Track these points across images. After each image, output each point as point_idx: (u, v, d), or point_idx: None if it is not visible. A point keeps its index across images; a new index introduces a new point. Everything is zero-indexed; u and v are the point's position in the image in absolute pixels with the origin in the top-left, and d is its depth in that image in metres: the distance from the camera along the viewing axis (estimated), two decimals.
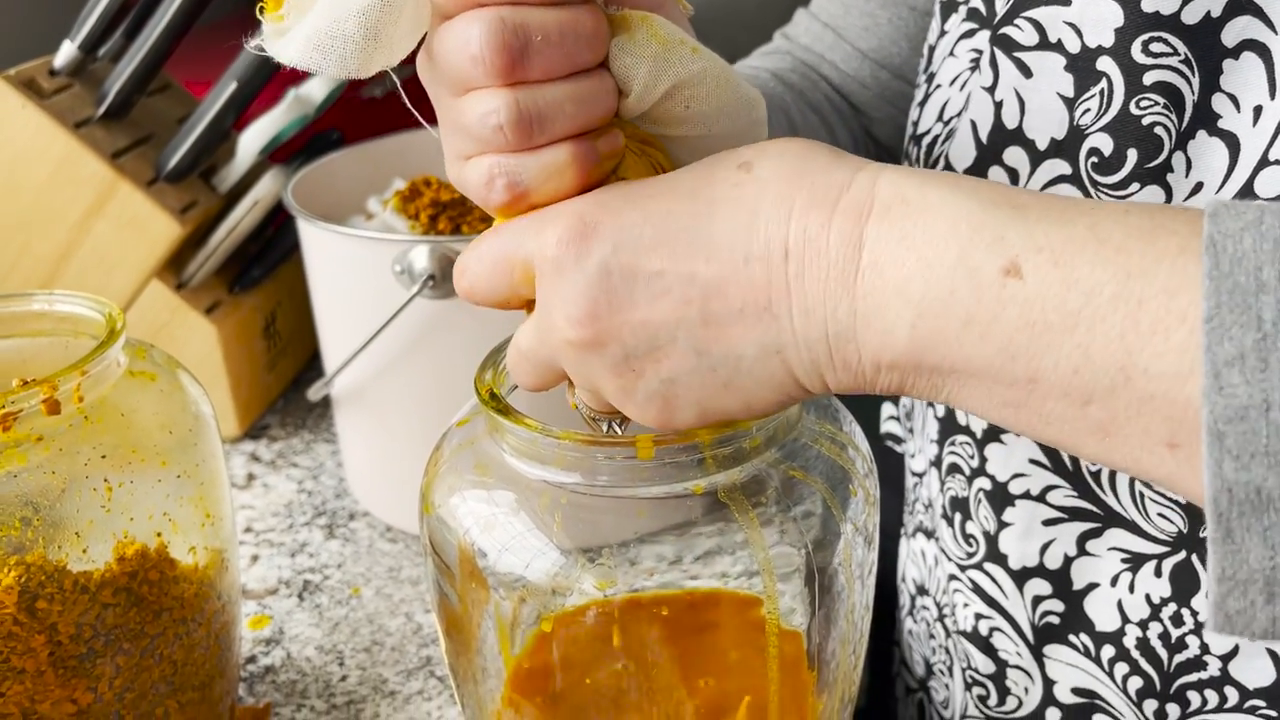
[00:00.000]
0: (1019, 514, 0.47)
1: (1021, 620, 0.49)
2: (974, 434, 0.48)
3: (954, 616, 0.52)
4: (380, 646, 0.59)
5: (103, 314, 0.46)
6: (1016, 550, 0.48)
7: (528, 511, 0.39)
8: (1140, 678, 0.46)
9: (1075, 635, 0.47)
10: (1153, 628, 0.44)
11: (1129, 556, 0.44)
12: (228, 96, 0.69)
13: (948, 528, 0.51)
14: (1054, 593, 0.47)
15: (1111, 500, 0.44)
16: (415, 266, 0.58)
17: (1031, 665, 0.49)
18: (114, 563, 0.42)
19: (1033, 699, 0.50)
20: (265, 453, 0.77)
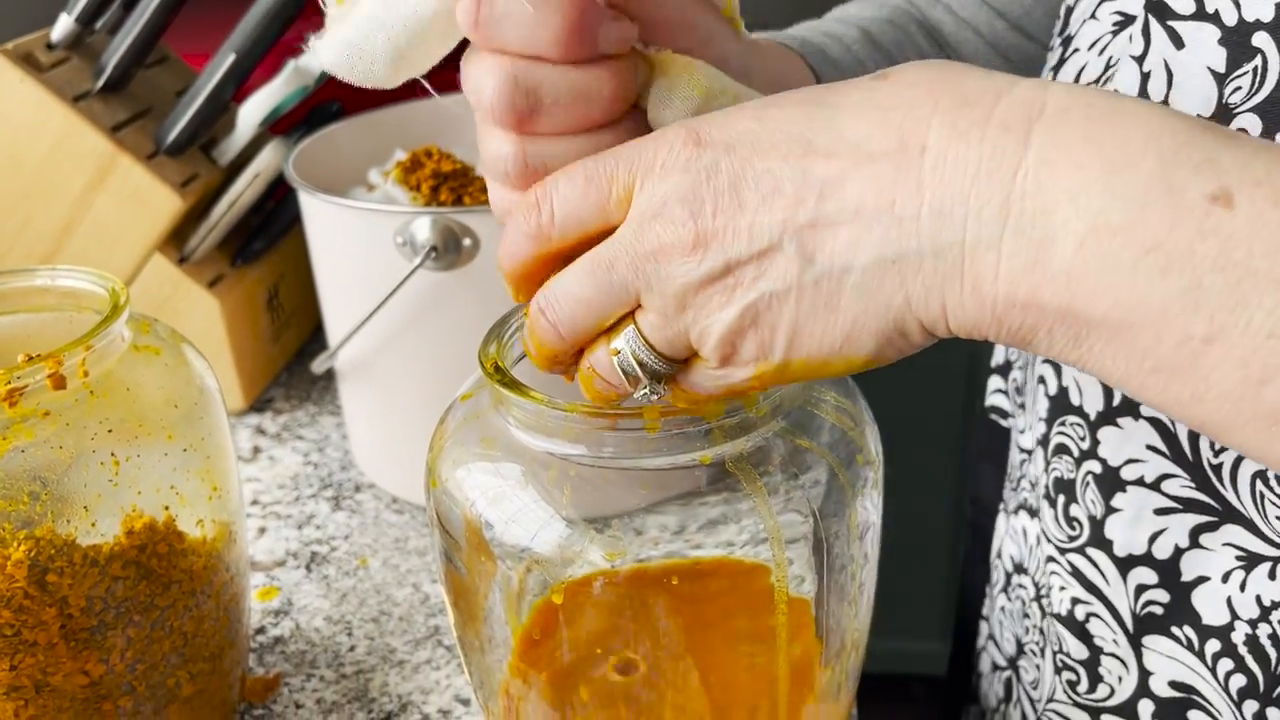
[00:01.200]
0: (1129, 500, 0.45)
1: (1122, 608, 0.47)
2: (1087, 415, 0.46)
3: (1049, 599, 0.51)
4: (388, 617, 0.59)
5: (106, 289, 0.46)
6: (1123, 537, 0.46)
7: (534, 484, 0.39)
8: (1244, 676, 0.44)
9: (1179, 628, 0.45)
10: (1262, 628, 0.42)
11: (1244, 555, 0.42)
12: (226, 68, 0.69)
13: (1050, 509, 0.49)
14: (1160, 583, 0.45)
15: (1231, 495, 0.42)
16: (417, 238, 0.58)
17: (1128, 654, 0.47)
18: (123, 536, 0.42)
19: (1126, 689, 0.48)
20: (270, 426, 0.77)
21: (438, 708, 0.53)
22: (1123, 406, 0.45)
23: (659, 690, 0.41)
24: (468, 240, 0.58)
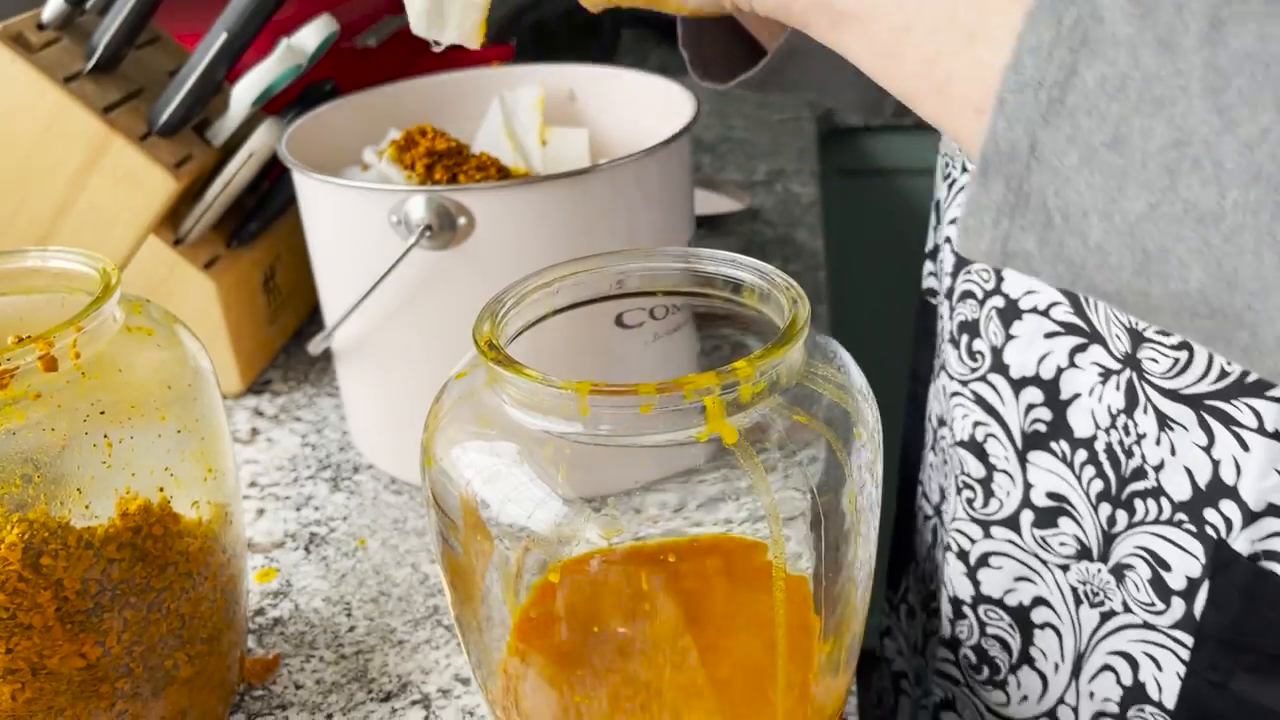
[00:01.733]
0: (1025, 327, 0.53)
1: (1014, 426, 0.55)
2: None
3: (953, 429, 0.59)
4: (387, 597, 0.59)
5: (97, 270, 0.45)
6: (1018, 360, 0.54)
7: (530, 462, 0.39)
8: (1102, 481, 0.52)
9: (1056, 442, 0.53)
10: (1113, 435, 0.51)
11: (1103, 371, 0.51)
12: (218, 48, 0.68)
13: (954, 350, 0.58)
14: (1044, 401, 0.53)
15: (1094, 317, 0.50)
16: (412, 217, 0.58)
17: (1016, 470, 0.56)
18: (117, 518, 0.42)
19: (1012, 502, 0.56)
20: (268, 407, 0.77)
21: (438, 687, 0.53)
22: None
23: (658, 668, 0.41)
24: (463, 219, 0.58)
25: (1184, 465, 0.48)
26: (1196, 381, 0.47)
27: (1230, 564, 0.48)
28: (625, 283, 0.46)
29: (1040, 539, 0.55)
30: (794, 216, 1.06)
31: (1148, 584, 0.51)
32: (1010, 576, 0.57)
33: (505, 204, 0.58)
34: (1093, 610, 0.54)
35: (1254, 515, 0.47)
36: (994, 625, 0.59)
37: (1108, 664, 0.54)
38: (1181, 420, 0.48)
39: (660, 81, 0.73)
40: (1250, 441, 0.46)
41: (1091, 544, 0.54)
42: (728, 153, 1.23)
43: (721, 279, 0.44)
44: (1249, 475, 0.46)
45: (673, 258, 0.45)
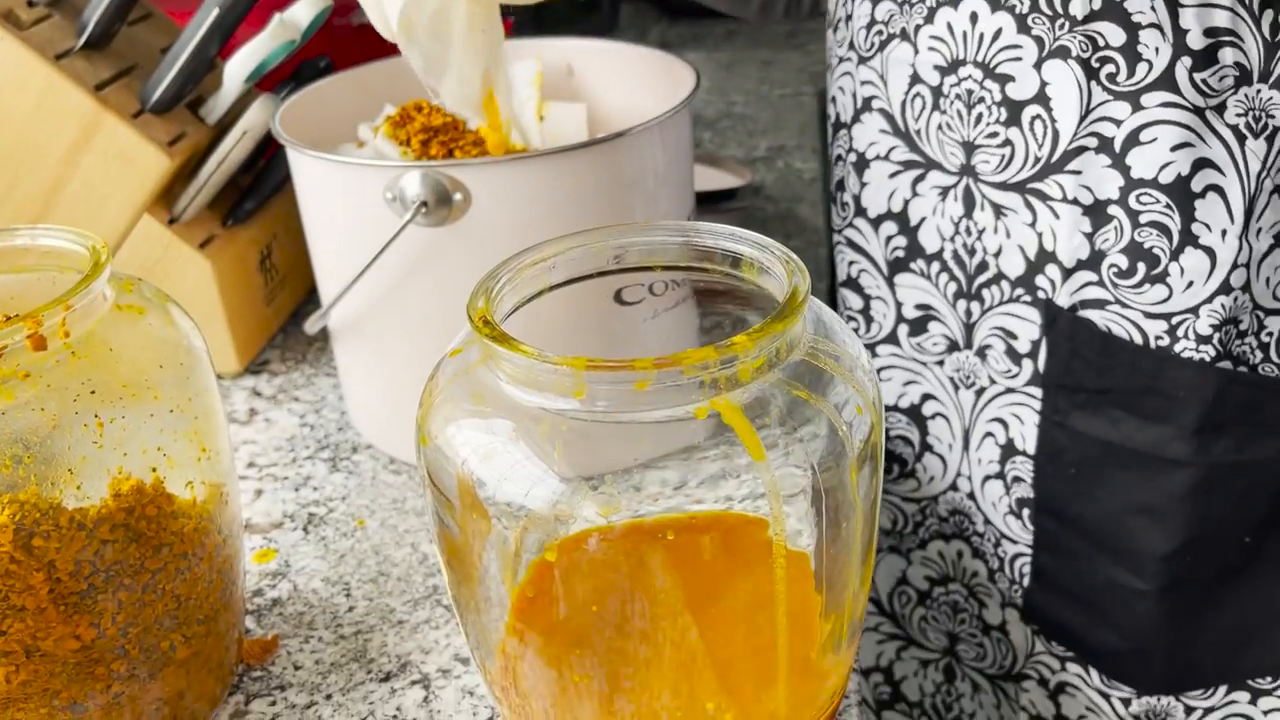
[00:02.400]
0: (873, 173, 0.65)
1: (879, 257, 0.66)
2: (846, 124, 0.66)
3: (838, 273, 0.70)
4: (386, 577, 0.58)
5: (87, 247, 0.45)
6: (872, 201, 0.65)
7: (526, 439, 0.38)
8: (955, 283, 0.64)
9: (914, 263, 0.65)
10: (958, 240, 0.62)
11: (940, 190, 0.62)
12: (210, 23, 0.67)
13: (834, 207, 0.69)
14: (899, 231, 0.65)
15: (927, 148, 0.62)
16: (407, 193, 0.57)
17: (886, 293, 0.67)
18: (110, 499, 0.42)
19: (888, 321, 0.68)
20: (266, 388, 0.76)
21: (437, 667, 0.53)
22: (862, 107, 0.64)
23: (658, 647, 0.40)
24: (458, 195, 0.57)
25: (1017, 245, 0.60)
26: (1019, 170, 0.59)
27: (1057, 318, 0.60)
28: (623, 258, 0.45)
29: (916, 345, 0.67)
30: (795, 192, 1.05)
31: (1004, 355, 0.63)
32: (900, 384, 0.69)
33: (502, 180, 0.57)
34: (969, 391, 0.66)
35: (1068, 272, 0.59)
36: (896, 428, 0.71)
37: (988, 431, 0.66)
38: (1011, 206, 0.60)
39: (660, 56, 0.72)
40: (1060, 210, 0.58)
41: (957, 337, 0.65)
42: (728, 129, 1.22)
43: (720, 253, 0.44)
44: (1062, 238, 0.59)
45: (671, 231, 0.44)
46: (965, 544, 0.70)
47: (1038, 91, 0.57)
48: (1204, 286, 0.57)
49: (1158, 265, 0.57)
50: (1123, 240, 0.57)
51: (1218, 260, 0.56)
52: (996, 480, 0.67)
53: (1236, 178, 0.55)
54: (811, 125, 1.20)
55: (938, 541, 0.72)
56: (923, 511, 0.72)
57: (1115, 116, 0.56)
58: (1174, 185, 0.56)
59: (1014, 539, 0.67)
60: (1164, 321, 0.58)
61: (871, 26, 0.63)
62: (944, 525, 0.71)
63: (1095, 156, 0.57)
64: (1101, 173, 0.57)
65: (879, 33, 0.62)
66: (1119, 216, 0.57)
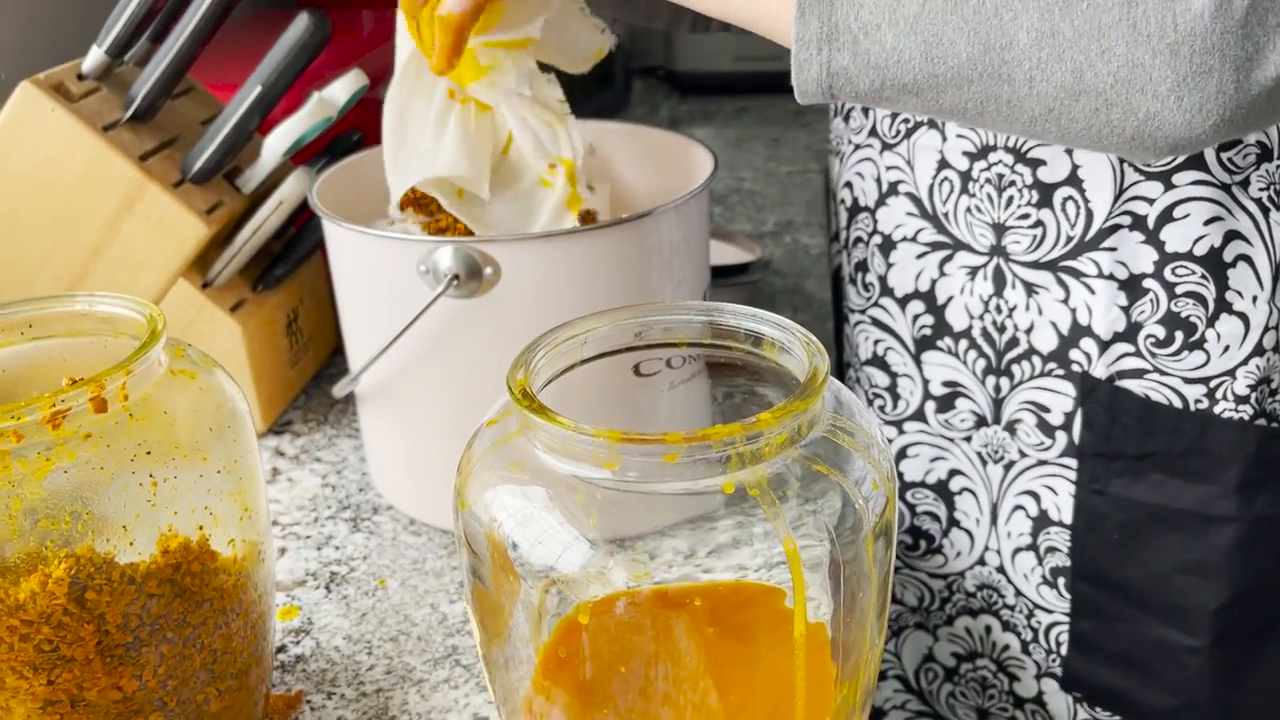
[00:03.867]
0: (899, 254, 0.66)
1: (905, 336, 0.68)
2: (867, 207, 0.68)
3: (859, 352, 0.71)
4: (406, 636, 0.60)
5: (143, 315, 0.47)
6: (900, 281, 0.67)
7: (560, 506, 0.40)
8: (984, 359, 0.65)
9: (941, 340, 0.66)
10: (987, 318, 0.64)
11: (969, 270, 0.64)
12: (252, 100, 0.71)
13: (853, 287, 0.71)
14: (926, 310, 0.67)
15: (955, 230, 0.64)
16: (440, 266, 0.60)
17: (914, 370, 0.68)
18: (159, 555, 0.44)
19: (915, 398, 0.69)
20: (289, 448, 0.78)
21: None
22: (887, 192, 0.67)
23: (679, 709, 0.42)
24: (489, 269, 0.60)
25: (1050, 321, 0.62)
26: (1051, 249, 0.61)
27: (1094, 389, 0.62)
28: (650, 334, 0.48)
29: (944, 421, 0.68)
30: (803, 267, 1.08)
31: (1035, 429, 0.65)
32: (927, 460, 0.70)
33: (531, 255, 0.60)
34: (997, 465, 0.67)
35: (1105, 344, 0.61)
36: (922, 504, 0.71)
37: (1018, 504, 0.67)
38: (1043, 284, 0.62)
39: (678, 138, 0.75)
40: (1095, 286, 0.60)
41: (986, 412, 0.66)
42: (738, 204, 1.26)
43: (743, 332, 0.46)
44: (1098, 312, 0.61)
45: (697, 311, 0.47)
46: (994, 618, 0.71)
47: (1070, 174, 0.60)
48: (1239, 350, 0.60)
49: (1195, 333, 0.60)
50: (1159, 311, 0.60)
51: (1251, 324, 0.59)
52: (1028, 552, 0.68)
53: (1263, 247, 0.58)
54: (818, 202, 1.24)
55: (965, 617, 0.72)
56: (949, 587, 0.72)
57: (1148, 195, 0.58)
58: (1208, 256, 0.58)
59: (1049, 609, 0.68)
60: (1203, 385, 0.60)
61: (896, 115, 0.66)
62: (971, 600, 0.72)
63: (1129, 234, 0.59)
64: (1136, 249, 0.59)
65: (905, 120, 0.65)
66: (1155, 289, 0.59)
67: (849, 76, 0.45)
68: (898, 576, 0.74)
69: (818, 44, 0.45)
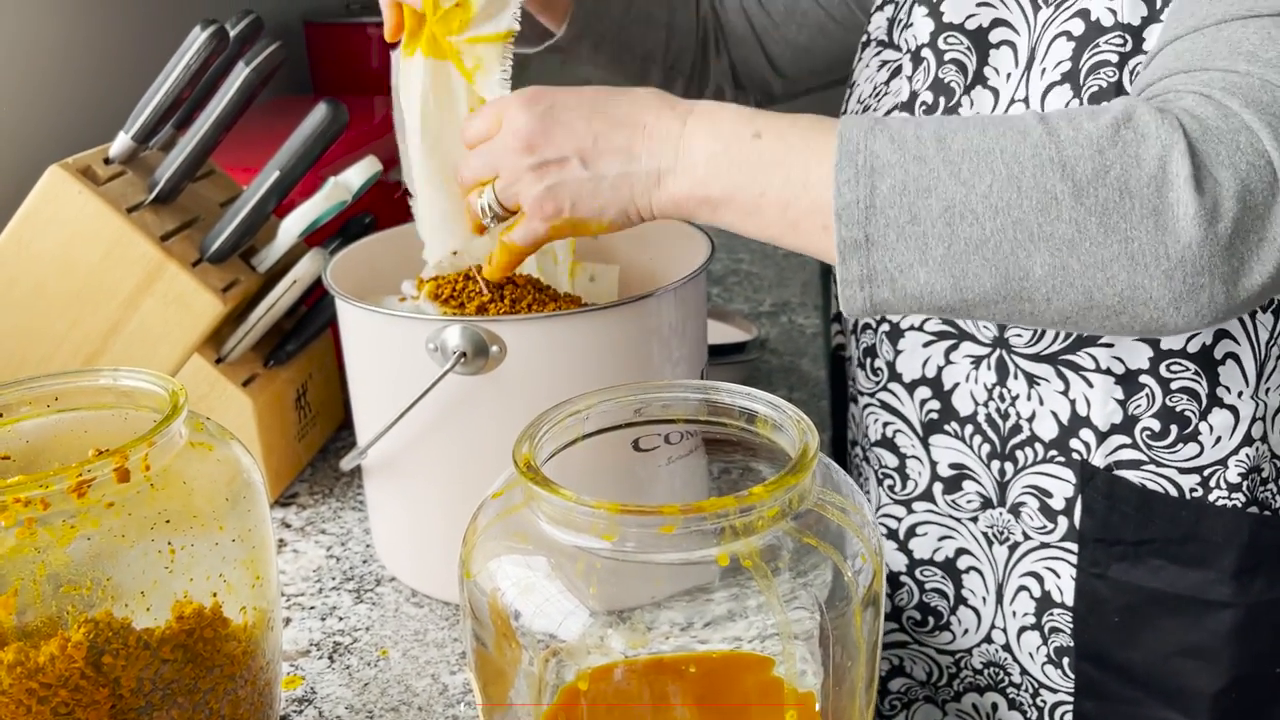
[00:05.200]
0: (907, 342, 0.69)
1: (913, 420, 0.70)
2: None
3: (869, 434, 0.74)
4: (408, 706, 0.61)
5: (165, 390, 0.49)
6: (908, 367, 0.69)
7: (561, 575, 0.42)
8: (989, 444, 0.68)
9: (948, 424, 0.69)
10: (991, 405, 0.67)
11: (973, 359, 0.67)
12: (270, 184, 0.74)
13: (862, 370, 0.74)
14: (933, 395, 0.69)
15: (960, 321, 0.66)
16: (448, 344, 0.62)
17: (922, 453, 0.71)
18: (173, 621, 0.45)
19: (923, 479, 0.71)
20: (295, 519, 0.80)
21: None
22: None
23: None
24: (495, 347, 0.62)
25: (1050, 410, 0.65)
26: (1050, 344, 0.64)
27: (1093, 477, 0.64)
28: (649, 411, 0.50)
29: (951, 502, 0.70)
30: (798, 346, 1.11)
31: (1038, 512, 0.67)
32: (935, 538, 0.72)
33: (536, 334, 0.62)
34: (1002, 546, 0.69)
35: (1104, 435, 0.64)
36: (930, 581, 0.73)
37: (1022, 585, 0.69)
38: (1044, 375, 0.64)
39: (676, 223, 0.78)
40: (1093, 380, 0.63)
41: (991, 494, 0.69)
42: (736, 285, 1.29)
43: (738, 410, 0.48)
44: (1096, 405, 0.63)
45: (693, 390, 0.49)
46: (1001, 696, 0.72)
47: None
48: (1230, 440, 0.62)
49: (1189, 426, 0.62)
50: (1155, 405, 0.62)
51: (1240, 416, 0.62)
52: (1033, 631, 0.69)
53: (1249, 344, 0.61)
54: (813, 283, 1.27)
55: (972, 694, 0.74)
56: (957, 664, 0.74)
57: None
58: (1200, 354, 0.61)
59: (1054, 688, 0.69)
60: (1197, 475, 0.63)
61: None
62: (978, 678, 0.73)
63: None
64: (1132, 346, 0.62)
65: None
66: (1150, 385, 0.62)
67: (890, 305, 0.50)
68: (907, 651, 0.75)
69: (859, 283, 0.50)
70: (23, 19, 0.91)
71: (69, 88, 0.97)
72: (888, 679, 0.77)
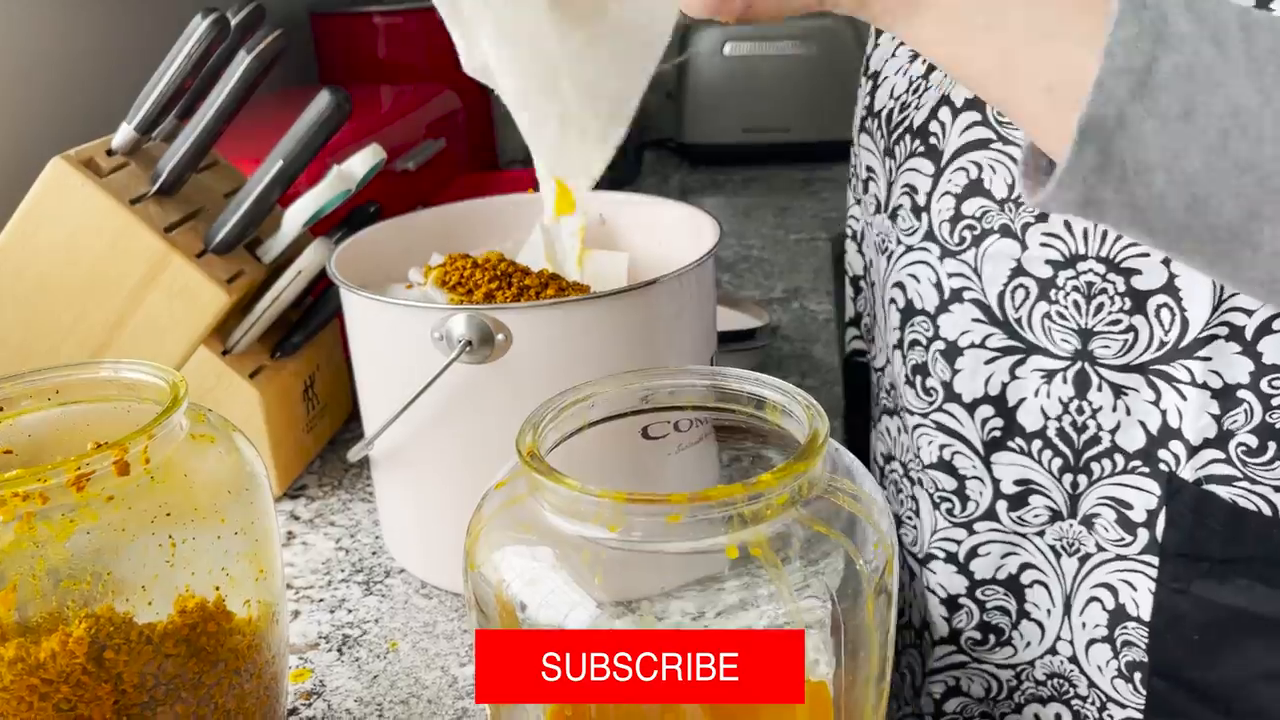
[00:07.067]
0: (966, 361, 0.65)
1: (974, 440, 0.67)
2: (928, 311, 0.67)
3: (920, 455, 0.70)
4: (417, 699, 0.61)
5: (166, 381, 0.49)
6: (967, 388, 0.66)
7: (567, 566, 0.41)
8: (1060, 458, 0.64)
9: (1012, 440, 0.65)
10: (1065, 419, 0.63)
11: (1044, 374, 0.63)
12: (274, 174, 0.73)
13: (910, 389, 0.69)
14: (996, 413, 0.65)
15: (1030, 335, 0.63)
16: (454, 333, 0.61)
17: (983, 472, 0.67)
18: (176, 615, 0.45)
19: (985, 499, 0.68)
20: (304, 512, 0.79)
21: None
22: (950, 298, 0.65)
23: None
24: (501, 335, 0.61)
25: (1138, 420, 0.62)
26: (1142, 353, 0.60)
27: (1180, 490, 0.61)
28: (656, 398, 0.49)
29: (1016, 518, 0.67)
30: (810, 333, 1.09)
31: (1114, 524, 0.64)
32: (998, 556, 0.69)
33: (542, 321, 0.62)
34: (1071, 559, 0.66)
35: (1195, 449, 0.60)
36: (993, 600, 0.70)
37: (1093, 596, 0.66)
38: (1133, 386, 0.61)
39: (685, 208, 0.77)
40: (1187, 393, 0.60)
41: (1061, 507, 0.65)
42: (746, 271, 1.28)
43: (746, 395, 0.47)
44: (1189, 418, 0.60)
45: (701, 376, 0.48)
46: (1065, 707, 0.70)
47: (1166, 283, 0.58)
48: None
49: None
50: (1253, 421, 0.59)
51: None
52: (1104, 644, 0.66)
53: None
54: (825, 269, 1.26)
55: (1034, 705, 0.71)
56: (1018, 676, 0.71)
57: (1247, 307, 0.57)
58: None
59: (1123, 702, 0.67)
60: None
61: (959, 221, 0.64)
62: (1040, 689, 0.70)
63: (1225, 344, 0.58)
64: (1232, 359, 0.58)
65: (970, 228, 0.64)
66: (1249, 400, 0.58)
67: (1102, 208, 0.43)
68: (964, 670, 0.73)
69: (1087, 172, 0.42)
70: (23, 9, 0.91)
71: (71, 79, 0.96)
72: (943, 700, 0.74)
